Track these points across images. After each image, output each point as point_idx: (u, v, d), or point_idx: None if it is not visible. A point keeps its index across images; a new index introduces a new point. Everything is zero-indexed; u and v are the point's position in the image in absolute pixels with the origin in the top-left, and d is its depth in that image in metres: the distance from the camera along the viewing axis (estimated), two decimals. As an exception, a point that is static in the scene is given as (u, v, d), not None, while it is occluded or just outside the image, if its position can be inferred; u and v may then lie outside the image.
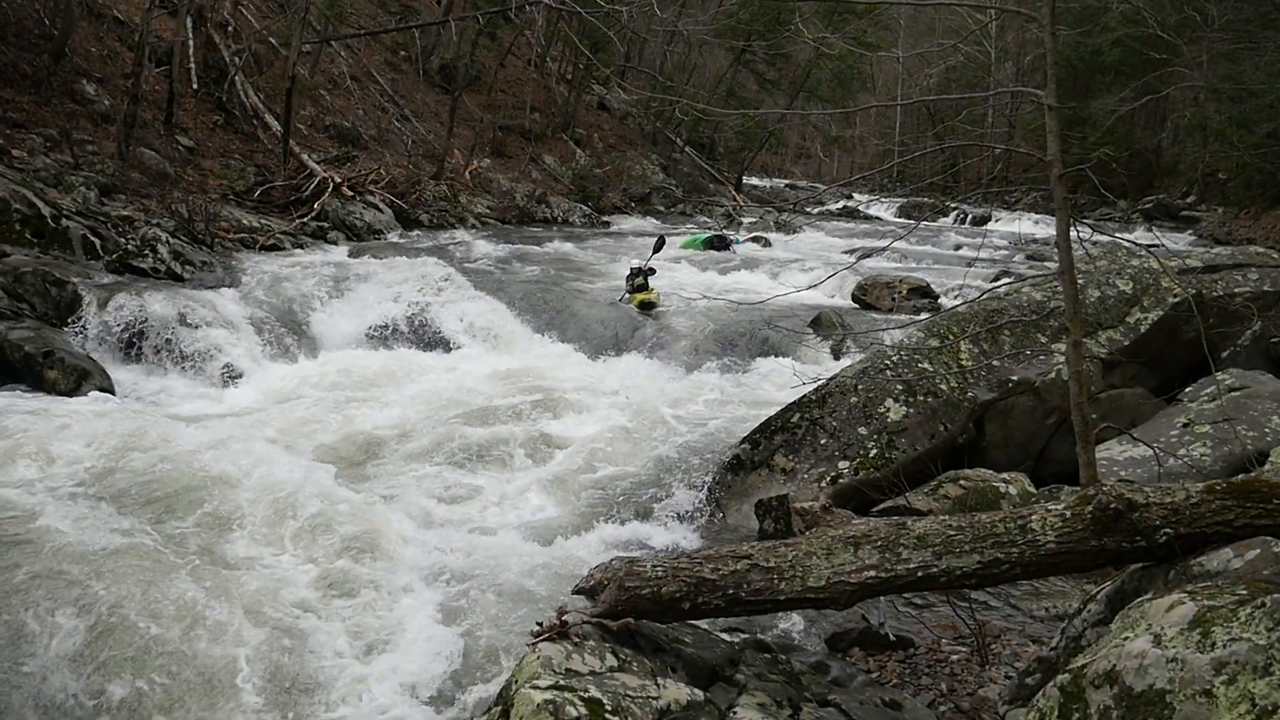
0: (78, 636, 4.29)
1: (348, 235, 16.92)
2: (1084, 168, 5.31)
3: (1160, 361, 7.56)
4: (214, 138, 18.32)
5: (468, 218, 21.14)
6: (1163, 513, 3.22)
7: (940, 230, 27.09)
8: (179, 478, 6.12)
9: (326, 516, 5.80)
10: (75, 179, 13.06)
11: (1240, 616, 2.44)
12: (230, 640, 4.46)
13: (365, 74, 25.44)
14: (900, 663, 4.40)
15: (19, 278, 9.65)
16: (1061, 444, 6.81)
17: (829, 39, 21.25)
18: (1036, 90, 4.94)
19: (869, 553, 3.44)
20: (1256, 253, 8.62)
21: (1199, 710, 2.32)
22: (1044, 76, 4.92)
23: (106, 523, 5.43)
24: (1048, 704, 2.68)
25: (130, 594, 4.59)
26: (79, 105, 15.76)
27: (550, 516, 6.62)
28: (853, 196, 38.18)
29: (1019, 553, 3.33)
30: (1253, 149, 23.98)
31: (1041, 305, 7.53)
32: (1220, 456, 6.03)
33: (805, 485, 6.47)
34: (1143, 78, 25.79)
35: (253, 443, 7.04)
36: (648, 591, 3.48)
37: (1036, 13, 5.13)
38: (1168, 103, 32.28)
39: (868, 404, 6.85)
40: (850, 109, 35.96)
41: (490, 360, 10.95)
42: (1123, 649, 2.56)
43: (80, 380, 8.63)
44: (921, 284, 13.49)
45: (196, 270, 11.93)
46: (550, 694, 2.92)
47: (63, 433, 6.91)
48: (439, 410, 8.90)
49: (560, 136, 30.35)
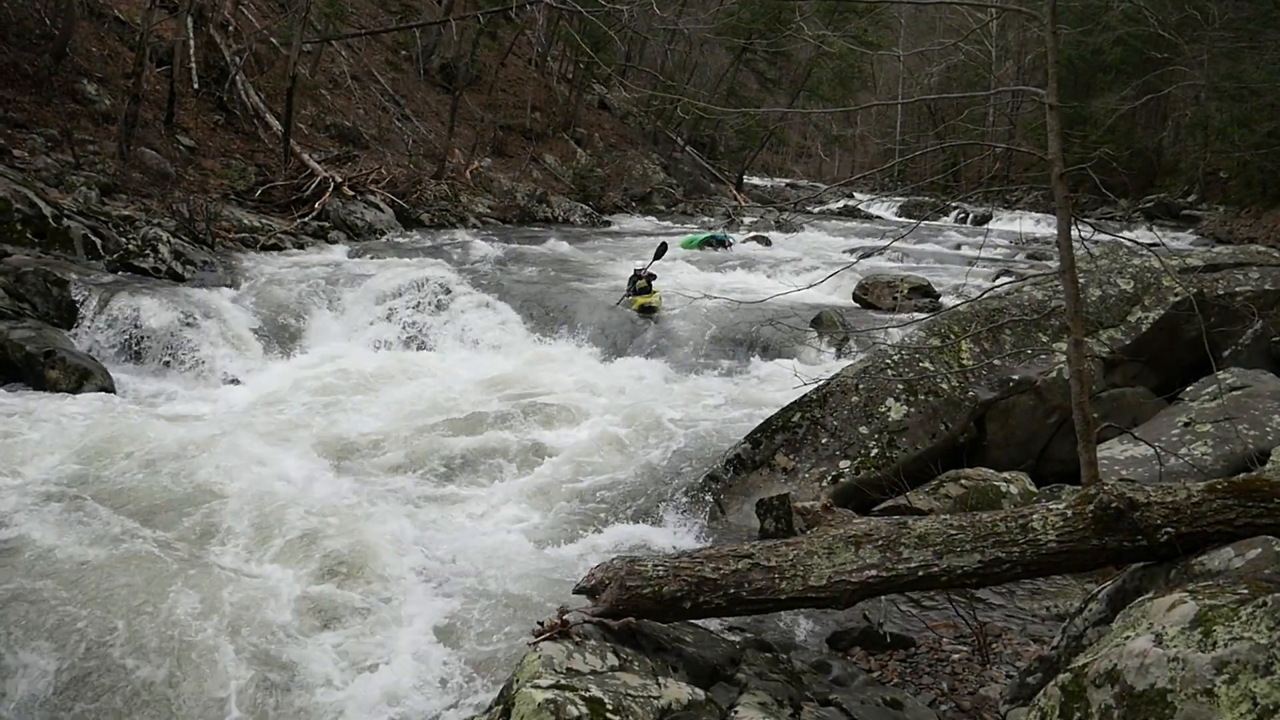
0: (50, 678, 4.13)
1: (349, 235, 16.92)
2: (1085, 167, 5.30)
3: (1161, 360, 7.55)
4: (215, 137, 18.32)
5: (469, 217, 21.14)
6: (1164, 512, 3.21)
7: (941, 229, 27.08)
8: (172, 484, 6.11)
9: (320, 520, 5.77)
10: (76, 179, 13.07)
11: (1241, 616, 2.44)
12: (220, 665, 4.34)
13: (366, 73, 25.44)
14: (901, 662, 4.39)
15: (20, 277, 9.66)
16: (1063, 443, 6.80)
17: (830, 37, 21.23)
18: (1038, 89, 4.94)
19: (870, 552, 3.43)
20: (1258, 251, 8.61)
21: (1200, 710, 2.32)
22: (1045, 75, 4.92)
23: (95, 531, 5.34)
24: (1049, 703, 2.68)
25: (112, 624, 4.46)
26: (80, 105, 15.77)
27: (550, 517, 6.62)
28: (854, 196, 38.19)
29: (1020, 552, 3.33)
30: (1254, 148, 23.97)
31: (1042, 304, 7.52)
32: (1221, 456, 6.03)
33: (806, 484, 6.46)
34: (1144, 76, 25.80)
35: (248, 446, 7.02)
36: (649, 591, 3.48)
37: (1037, 11, 5.12)
38: (1169, 101, 32.26)
39: (869, 403, 6.85)
40: (851, 108, 35.93)
41: (490, 362, 10.96)
42: (1124, 648, 2.56)
43: (81, 380, 8.64)
44: (922, 283, 13.48)
45: (197, 270, 11.93)
46: (551, 693, 2.92)
47: (62, 434, 6.92)
48: (438, 412, 8.89)
49: (561, 136, 30.35)
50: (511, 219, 22.76)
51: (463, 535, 6.26)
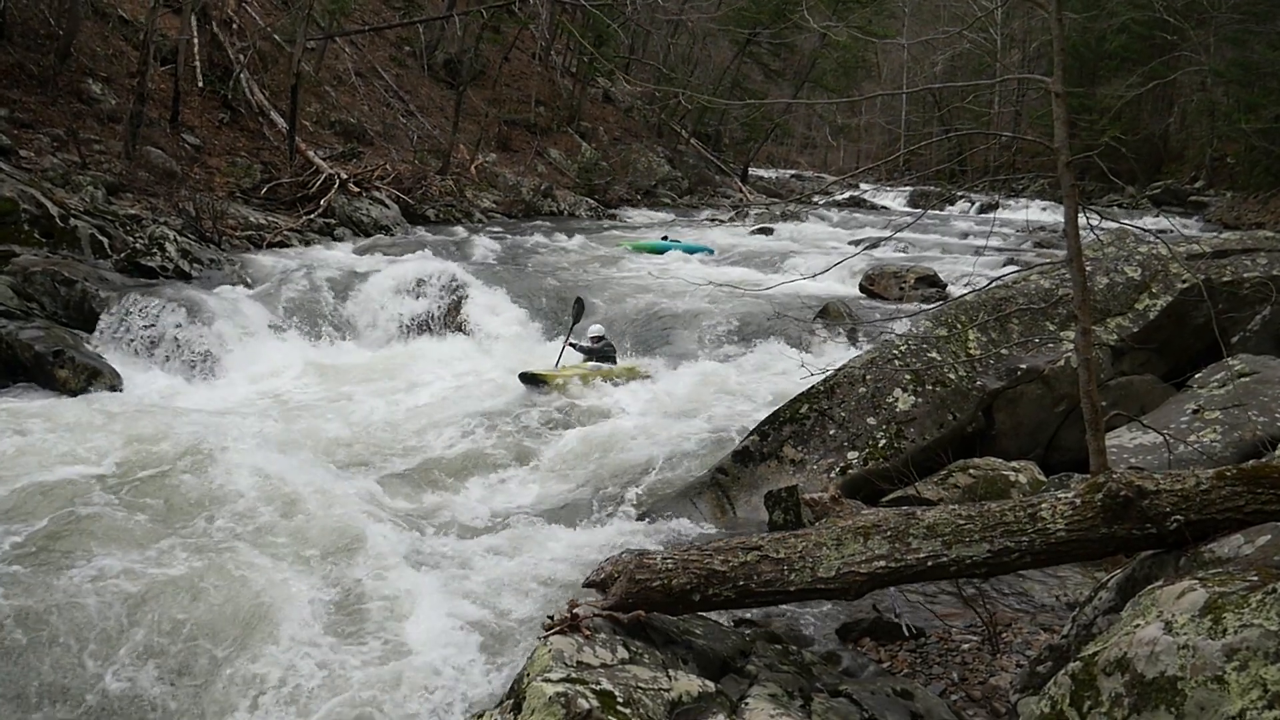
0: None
1: (354, 231, 16.95)
2: (1091, 154, 5.28)
3: (1169, 348, 7.53)
4: (220, 135, 18.35)
5: (474, 212, 21.14)
6: (1173, 500, 3.21)
7: (948, 219, 27.01)
8: (181, 482, 6.14)
9: (327, 514, 5.80)
10: (83, 178, 13.10)
11: (1251, 603, 2.43)
12: (239, 676, 4.35)
13: (370, 70, 25.44)
14: (911, 652, 4.39)
15: (28, 277, 9.69)
16: (1071, 432, 6.78)
17: (834, 27, 21.15)
18: (1043, 77, 4.92)
19: (879, 543, 3.43)
20: (1265, 237, 8.56)
21: (1211, 697, 2.32)
22: (1050, 63, 4.89)
23: (107, 536, 5.34)
24: (1059, 692, 2.68)
25: (126, 626, 4.48)
26: (85, 104, 15.80)
27: (558, 511, 6.63)
28: (859, 187, 38.08)
29: (1029, 541, 3.33)
30: (1260, 133, 23.85)
31: (1050, 293, 7.50)
32: (1230, 442, 6.00)
33: (814, 476, 6.46)
34: (1150, 63, 25.66)
35: (255, 442, 7.05)
36: (658, 584, 3.48)
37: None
38: (1175, 88, 32.12)
39: (876, 394, 6.84)
40: (855, 98, 35.78)
41: (495, 355, 10.98)
42: (1134, 636, 2.56)
43: (90, 379, 8.67)
44: (929, 273, 13.46)
45: (204, 268, 11.97)
46: (562, 686, 2.93)
47: (69, 434, 6.94)
48: (449, 404, 8.92)
49: (565, 130, 30.32)
50: (517, 214, 22.76)
51: (472, 526, 6.27)
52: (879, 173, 40.15)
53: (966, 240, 21.15)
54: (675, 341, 11.09)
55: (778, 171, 48.31)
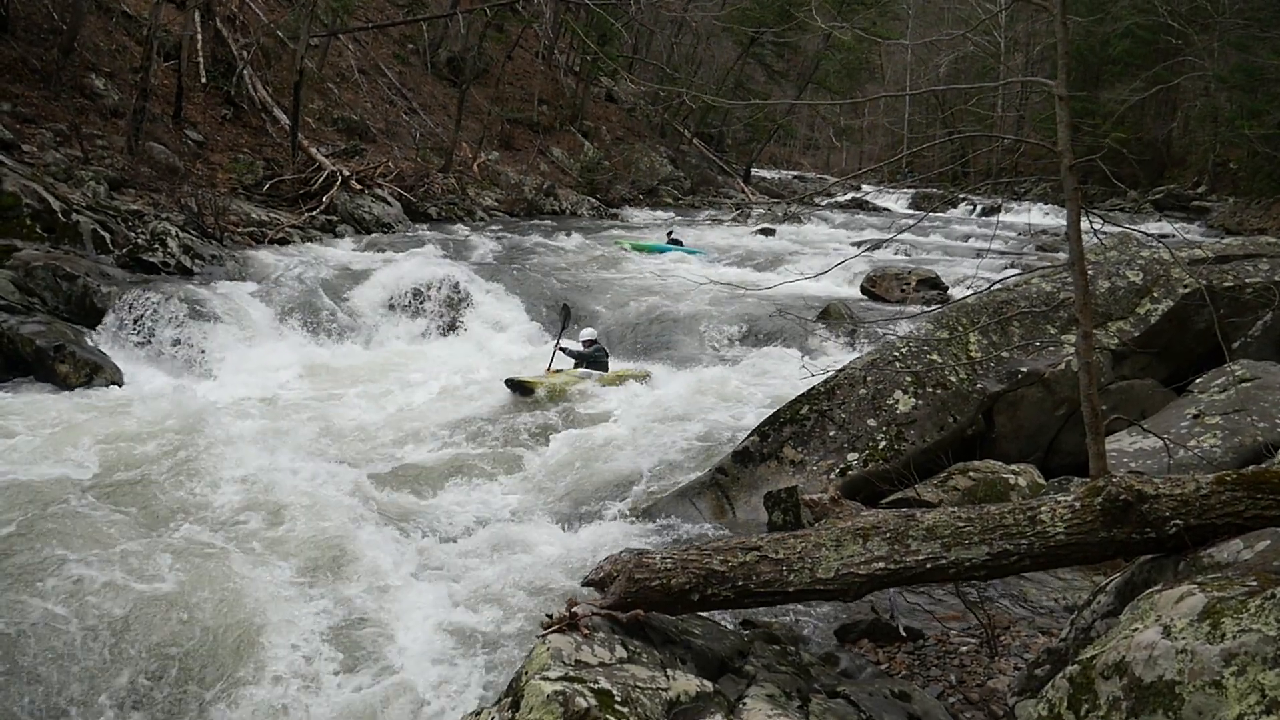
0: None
1: (357, 229, 16.96)
2: (1095, 158, 5.28)
3: (1170, 352, 7.53)
4: (222, 131, 18.35)
5: (476, 210, 21.14)
6: (1172, 504, 3.20)
7: (950, 221, 27.01)
8: (180, 478, 6.13)
9: (325, 513, 5.79)
10: (85, 173, 13.11)
11: (1250, 608, 2.43)
12: (229, 660, 4.34)
13: (373, 67, 25.44)
14: (909, 654, 4.39)
15: (30, 272, 9.70)
16: (1071, 435, 6.78)
17: (838, 28, 21.14)
18: (1047, 80, 4.92)
19: (878, 544, 3.43)
20: (1267, 243, 8.56)
21: (1208, 701, 2.32)
22: (1054, 67, 4.90)
23: (105, 531, 5.31)
24: (1057, 695, 2.68)
25: (124, 622, 4.47)
26: (88, 100, 15.80)
27: (557, 510, 6.63)
28: (861, 189, 38.08)
29: (1028, 544, 3.33)
30: (1263, 139, 23.84)
31: (1051, 296, 7.50)
32: (1231, 448, 6.01)
33: (814, 477, 6.46)
34: (1153, 67, 25.67)
35: (254, 439, 7.05)
36: (657, 583, 3.48)
37: (1047, 2, 5.10)
38: (1178, 92, 32.10)
39: (876, 396, 6.84)
40: (859, 100, 35.79)
41: (494, 355, 10.98)
42: (1132, 640, 2.56)
43: (91, 374, 8.67)
44: (931, 275, 13.47)
45: (206, 264, 11.97)
46: (560, 685, 2.93)
47: (68, 430, 6.93)
48: (447, 404, 8.91)
49: (568, 129, 30.33)
50: (519, 212, 22.76)
51: (469, 526, 6.27)
52: (881, 174, 40.17)
53: (968, 243, 21.17)
54: (675, 344, 11.09)
55: (780, 172, 48.32)
